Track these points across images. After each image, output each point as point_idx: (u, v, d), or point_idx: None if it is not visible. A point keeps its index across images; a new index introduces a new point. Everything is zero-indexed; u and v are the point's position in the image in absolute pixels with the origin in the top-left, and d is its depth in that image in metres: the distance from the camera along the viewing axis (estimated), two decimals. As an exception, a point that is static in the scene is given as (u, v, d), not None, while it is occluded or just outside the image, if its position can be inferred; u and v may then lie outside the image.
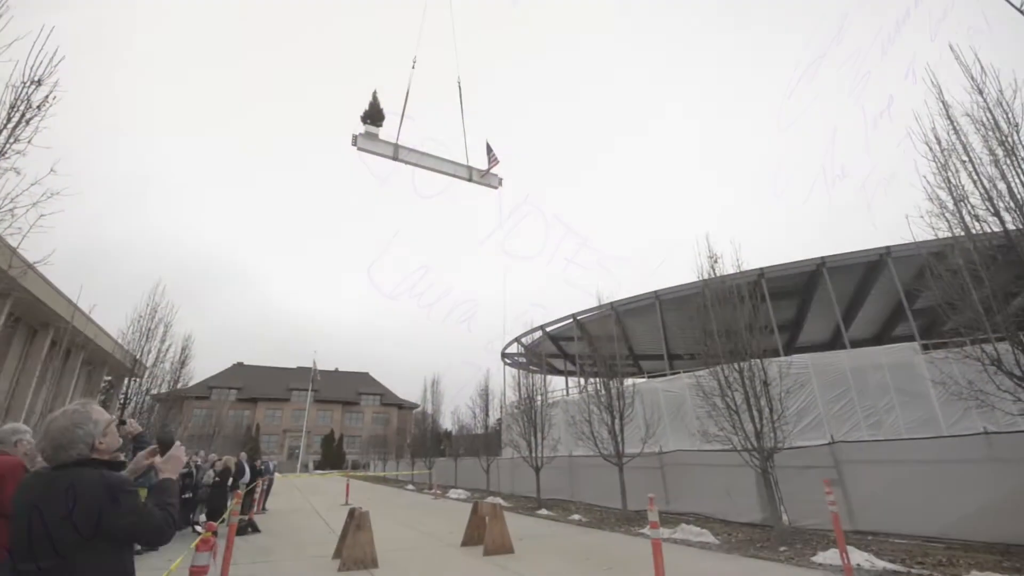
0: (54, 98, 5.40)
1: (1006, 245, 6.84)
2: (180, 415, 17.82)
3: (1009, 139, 6.92)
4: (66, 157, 5.47)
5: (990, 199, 7.00)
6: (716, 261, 12.03)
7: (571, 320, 31.00)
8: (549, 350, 37.30)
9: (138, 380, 13.96)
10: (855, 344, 25.21)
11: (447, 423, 39.53)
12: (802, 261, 23.77)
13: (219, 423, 36.60)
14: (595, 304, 16.49)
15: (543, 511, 15.69)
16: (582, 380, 36.25)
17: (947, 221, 7.43)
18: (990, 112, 7.17)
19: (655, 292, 27.21)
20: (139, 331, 13.72)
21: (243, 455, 14.28)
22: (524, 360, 35.52)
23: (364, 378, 76.36)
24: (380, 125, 9.90)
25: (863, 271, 24.22)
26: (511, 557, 8.50)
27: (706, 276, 11.98)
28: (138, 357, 13.64)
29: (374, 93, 10.00)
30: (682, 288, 25.13)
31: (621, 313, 29.00)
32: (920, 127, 7.96)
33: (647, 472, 14.08)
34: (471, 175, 10.90)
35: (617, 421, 13.87)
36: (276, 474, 26.48)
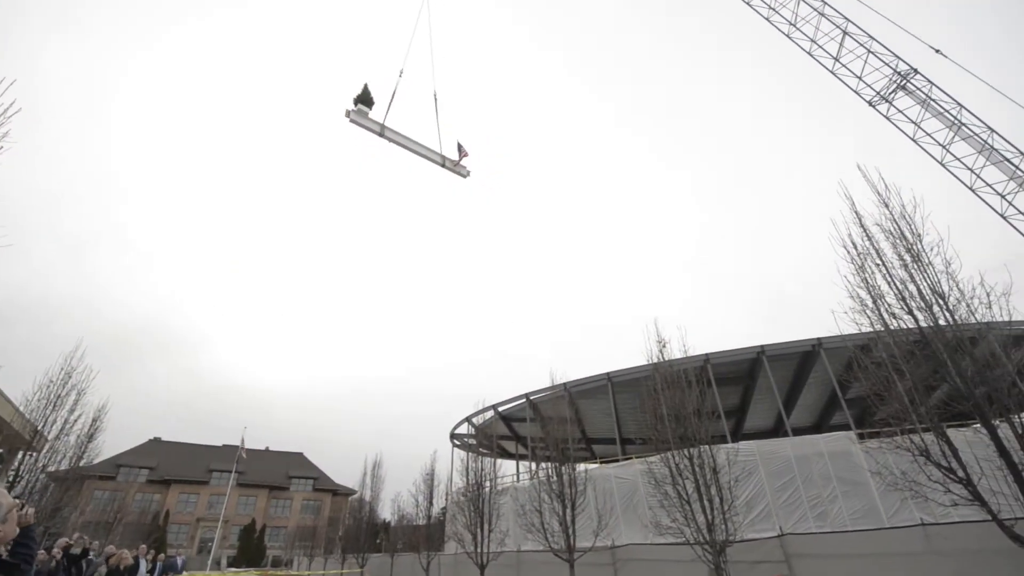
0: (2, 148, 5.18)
1: (921, 341, 7.48)
2: (79, 497, 15.47)
3: (914, 247, 7.84)
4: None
5: (903, 299, 7.75)
6: (664, 345, 12.42)
7: (524, 400, 30.45)
8: (500, 431, 36.10)
9: (35, 454, 12.20)
10: (796, 432, 25.95)
11: (386, 512, 36.37)
12: (744, 348, 24.94)
13: (123, 508, 31.97)
14: (548, 384, 16.34)
15: (487, 616, 14.24)
16: (533, 465, 34.90)
17: (868, 317, 8.10)
18: (896, 223, 8.17)
19: (607, 374, 27.46)
20: (46, 398, 12.23)
21: (142, 548, 12.40)
22: (474, 442, 34.08)
23: (297, 459, 70.21)
24: (370, 107, 11.79)
25: (799, 360, 25.62)
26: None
27: (655, 360, 12.27)
28: (39, 428, 12.02)
29: (365, 85, 11.94)
30: (633, 371, 25.51)
31: (574, 394, 28.85)
32: (838, 232, 8.93)
33: (599, 570, 13.28)
34: (444, 162, 12.55)
35: (569, 511, 13.23)
36: (184, 573, 22.92)
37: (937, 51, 19.44)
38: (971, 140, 17.75)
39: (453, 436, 37.18)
